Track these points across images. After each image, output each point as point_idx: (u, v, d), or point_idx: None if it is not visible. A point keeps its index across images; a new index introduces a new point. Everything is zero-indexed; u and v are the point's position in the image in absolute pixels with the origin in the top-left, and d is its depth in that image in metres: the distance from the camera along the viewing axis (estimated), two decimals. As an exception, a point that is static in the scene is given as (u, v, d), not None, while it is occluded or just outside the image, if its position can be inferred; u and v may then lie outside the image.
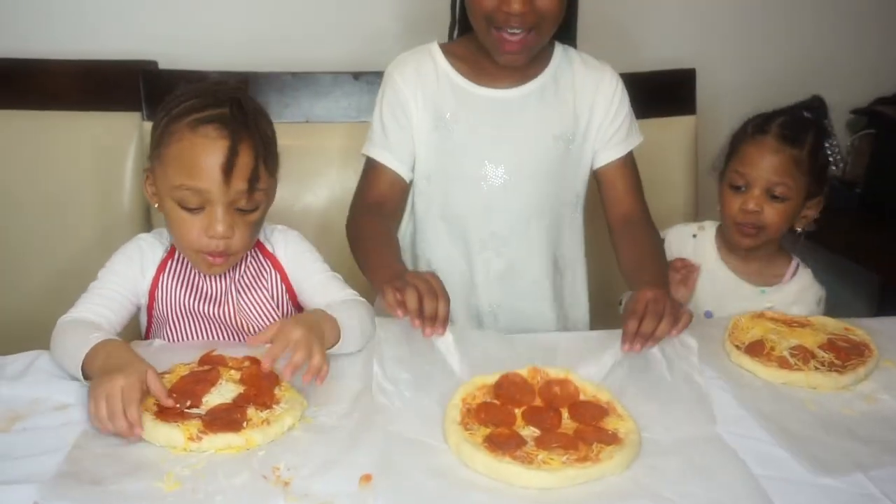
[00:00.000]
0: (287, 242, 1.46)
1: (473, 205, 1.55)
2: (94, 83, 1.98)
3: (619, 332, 1.28)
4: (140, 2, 2.06)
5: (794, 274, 1.65)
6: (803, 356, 1.31)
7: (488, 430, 1.09)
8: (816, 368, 1.29)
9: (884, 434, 1.14)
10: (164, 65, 2.02)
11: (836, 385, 1.26)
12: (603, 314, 1.71)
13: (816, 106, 1.59)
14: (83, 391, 1.15)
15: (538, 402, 1.18)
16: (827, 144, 1.55)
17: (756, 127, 1.58)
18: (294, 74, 2.01)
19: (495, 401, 1.17)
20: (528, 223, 1.56)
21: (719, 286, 1.64)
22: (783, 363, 1.30)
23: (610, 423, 1.13)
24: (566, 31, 1.55)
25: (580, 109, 1.55)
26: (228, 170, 1.24)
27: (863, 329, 1.42)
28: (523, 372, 1.23)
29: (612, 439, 1.08)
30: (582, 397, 1.19)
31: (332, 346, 1.23)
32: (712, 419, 1.17)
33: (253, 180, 1.27)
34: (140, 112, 1.95)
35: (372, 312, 1.36)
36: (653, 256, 1.53)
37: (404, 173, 1.55)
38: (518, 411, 1.15)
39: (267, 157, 1.31)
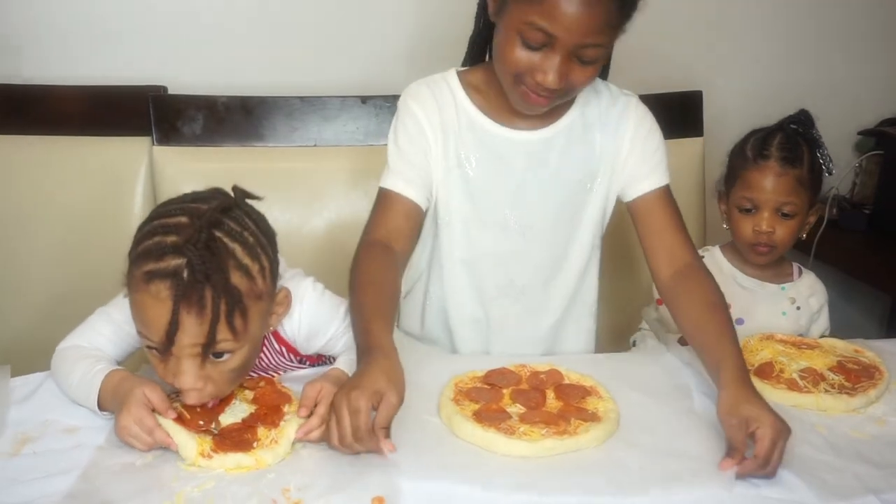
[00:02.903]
0: (301, 319, 1.29)
1: (491, 251, 1.47)
2: (103, 108, 1.98)
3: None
4: (149, 27, 2.08)
5: (800, 273, 1.71)
6: (813, 378, 1.30)
7: (478, 406, 1.19)
8: (826, 391, 1.28)
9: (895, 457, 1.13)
10: (173, 90, 2.03)
11: (847, 408, 1.26)
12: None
13: (803, 119, 1.64)
14: (93, 413, 1.16)
15: (525, 385, 1.28)
16: (818, 154, 1.62)
17: (756, 152, 1.61)
18: (302, 98, 2.02)
19: (485, 385, 1.27)
20: (548, 271, 1.49)
21: (745, 290, 1.66)
22: (792, 385, 1.30)
23: (591, 404, 1.22)
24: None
25: (605, 145, 1.45)
26: (170, 337, 1.07)
27: (872, 351, 1.41)
28: (511, 367, 1.33)
29: (591, 417, 1.17)
30: (566, 381, 1.29)
31: None
32: (689, 397, 1.27)
33: (210, 338, 1.08)
34: (150, 137, 1.96)
35: None
36: (732, 334, 1.28)
37: (422, 202, 1.41)
38: (506, 391, 1.25)
39: (233, 311, 1.08)
